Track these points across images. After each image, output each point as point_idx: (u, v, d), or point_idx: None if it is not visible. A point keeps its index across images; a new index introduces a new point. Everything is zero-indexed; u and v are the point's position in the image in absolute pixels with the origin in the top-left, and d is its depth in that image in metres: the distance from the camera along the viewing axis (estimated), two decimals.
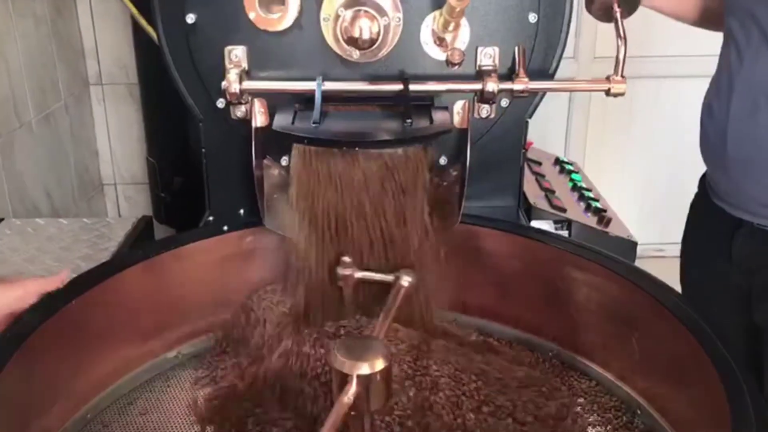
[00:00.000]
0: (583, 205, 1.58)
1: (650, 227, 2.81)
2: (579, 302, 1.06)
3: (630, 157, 2.92)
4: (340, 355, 0.77)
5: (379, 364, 0.77)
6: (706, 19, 1.36)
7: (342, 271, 1.07)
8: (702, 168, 1.34)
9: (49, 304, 0.92)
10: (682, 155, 2.86)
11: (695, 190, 1.39)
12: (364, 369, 0.76)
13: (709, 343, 0.85)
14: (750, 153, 1.18)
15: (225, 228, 1.14)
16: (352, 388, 0.76)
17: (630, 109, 2.74)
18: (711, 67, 1.29)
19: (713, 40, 1.33)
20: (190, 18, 1.09)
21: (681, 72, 2.70)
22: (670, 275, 1.10)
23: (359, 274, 1.07)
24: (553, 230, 1.43)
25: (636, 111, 2.79)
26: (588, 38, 2.66)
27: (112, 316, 1.01)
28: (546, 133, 2.66)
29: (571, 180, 1.73)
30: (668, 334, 0.91)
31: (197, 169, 1.23)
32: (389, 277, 1.06)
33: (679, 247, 1.45)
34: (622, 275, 0.99)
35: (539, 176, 1.66)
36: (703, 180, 1.35)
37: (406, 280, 1.05)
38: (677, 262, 1.44)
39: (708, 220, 1.32)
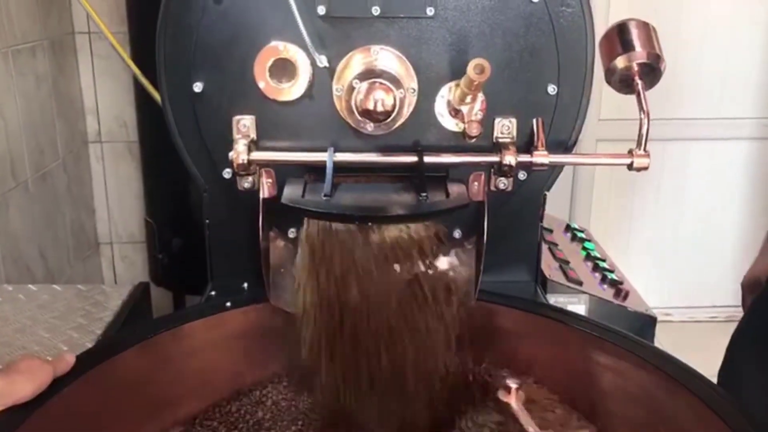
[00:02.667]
0: (598, 276, 1.52)
1: (657, 290, 2.76)
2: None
3: (636, 219, 2.89)
4: None
5: None
6: None
7: None
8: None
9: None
10: (688, 217, 2.87)
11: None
12: None
13: None
14: None
15: (228, 304, 1.08)
16: None
17: None
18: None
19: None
20: (197, 87, 1.05)
21: (687, 135, 2.68)
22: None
23: None
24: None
25: (642, 173, 2.76)
26: (593, 100, 2.65)
27: (107, 400, 0.94)
28: (550, 194, 2.63)
29: (584, 248, 1.67)
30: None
31: (196, 231, 1.18)
32: None
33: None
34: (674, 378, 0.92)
35: (552, 245, 1.61)
36: None
37: None
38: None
39: None
